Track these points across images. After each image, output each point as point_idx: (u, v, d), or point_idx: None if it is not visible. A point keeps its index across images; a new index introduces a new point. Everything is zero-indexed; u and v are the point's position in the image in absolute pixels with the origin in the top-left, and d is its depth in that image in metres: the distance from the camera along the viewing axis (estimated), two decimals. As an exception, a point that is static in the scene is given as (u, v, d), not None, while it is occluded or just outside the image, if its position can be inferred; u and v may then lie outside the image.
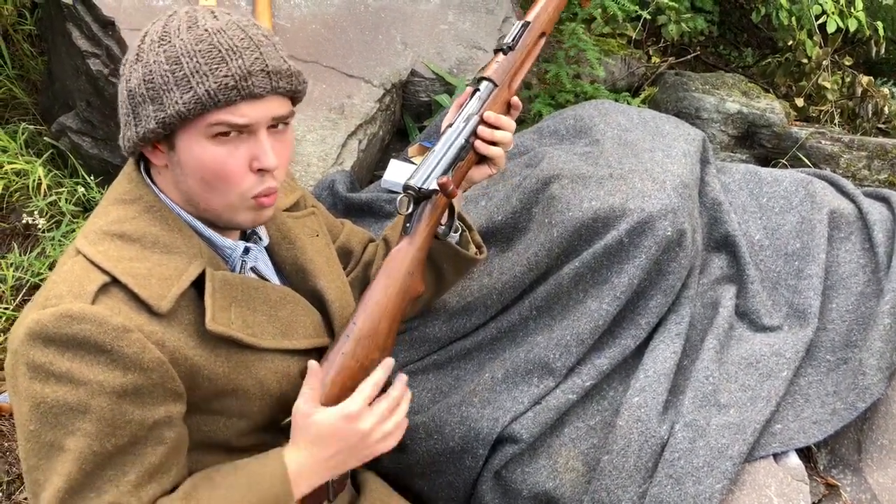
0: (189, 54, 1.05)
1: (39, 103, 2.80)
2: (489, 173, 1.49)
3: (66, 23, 2.33)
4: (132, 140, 1.11)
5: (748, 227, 2.01)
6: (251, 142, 1.09)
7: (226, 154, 1.08)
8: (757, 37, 4.45)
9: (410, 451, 1.62)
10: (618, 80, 3.42)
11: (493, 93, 1.47)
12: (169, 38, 1.06)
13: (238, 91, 1.05)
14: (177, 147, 1.09)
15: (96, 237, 1.09)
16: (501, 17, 2.75)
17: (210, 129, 1.06)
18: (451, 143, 1.41)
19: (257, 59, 1.06)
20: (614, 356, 1.69)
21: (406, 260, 1.33)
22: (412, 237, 1.36)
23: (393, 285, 1.31)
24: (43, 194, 2.38)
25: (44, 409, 0.99)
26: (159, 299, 1.05)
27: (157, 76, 1.05)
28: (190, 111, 1.04)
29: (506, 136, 1.45)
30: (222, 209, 1.13)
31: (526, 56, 1.52)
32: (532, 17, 1.53)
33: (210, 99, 1.04)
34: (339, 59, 2.40)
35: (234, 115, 1.06)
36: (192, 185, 1.10)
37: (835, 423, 1.65)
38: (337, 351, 1.23)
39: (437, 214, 1.39)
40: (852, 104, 3.66)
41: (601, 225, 1.71)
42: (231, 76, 1.04)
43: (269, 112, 1.09)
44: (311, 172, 2.15)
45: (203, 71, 1.04)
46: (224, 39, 1.06)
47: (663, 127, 2.08)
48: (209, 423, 1.15)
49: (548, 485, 1.57)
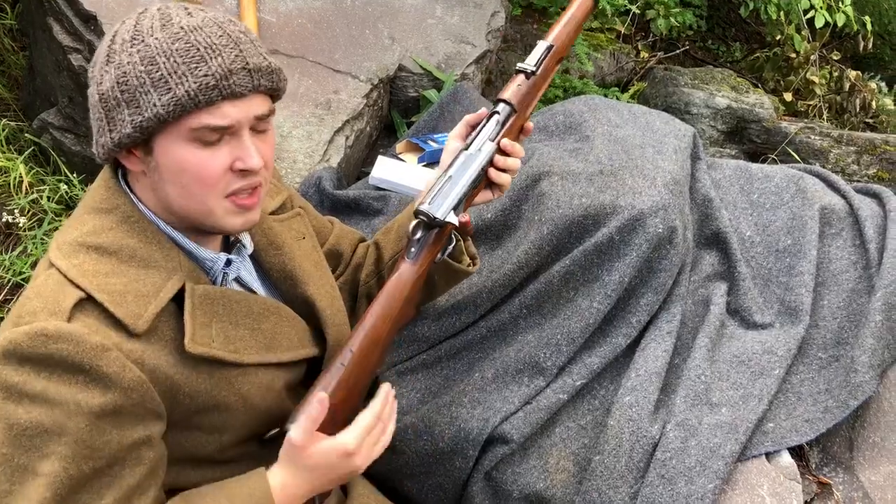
0: (165, 54, 1.00)
1: (20, 99, 2.76)
2: (490, 198, 1.45)
3: (47, 17, 2.30)
4: (107, 146, 1.05)
5: (739, 223, 2.00)
6: (233, 143, 1.05)
7: (208, 157, 1.03)
8: (745, 31, 4.45)
9: (399, 453, 1.60)
10: (607, 75, 3.41)
11: (511, 118, 1.42)
12: (142, 37, 1.01)
13: (219, 91, 1.00)
14: (155, 152, 1.04)
15: (70, 249, 1.04)
16: (490, 11, 2.73)
17: (192, 134, 1.02)
18: (468, 171, 1.35)
19: (237, 56, 1.02)
20: (605, 355, 1.67)
21: (408, 286, 1.29)
22: (415, 263, 1.30)
23: (391, 314, 1.26)
24: (24, 192, 2.34)
25: (17, 431, 0.94)
26: (136, 318, 1.01)
27: (132, 78, 1.00)
28: (169, 114, 1.00)
29: (517, 164, 1.42)
30: (203, 216, 1.08)
31: (543, 80, 1.47)
32: (554, 39, 1.47)
33: (190, 100, 0.99)
34: (326, 54, 2.37)
35: (216, 116, 1.02)
36: (170, 191, 1.06)
37: (827, 421, 1.64)
38: (330, 379, 1.17)
39: (442, 242, 1.35)
40: (840, 99, 3.67)
41: (592, 222, 1.70)
42: (211, 75, 1.00)
43: (250, 111, 1.05)
44: (298, 169, 2.12)
45: (181, 71, 0.99)
46: (202, 37, 1.01)
47: (654, 123, 2.06)
48: (191, 439, 1.11)
49: (539, 485, 1.55)
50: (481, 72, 2.66)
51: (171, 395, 1.04)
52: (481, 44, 2.62)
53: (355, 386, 1.20)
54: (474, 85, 2.57)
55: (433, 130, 2.31)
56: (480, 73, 2.65)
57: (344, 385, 1.17)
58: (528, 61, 1.44)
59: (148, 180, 1.07)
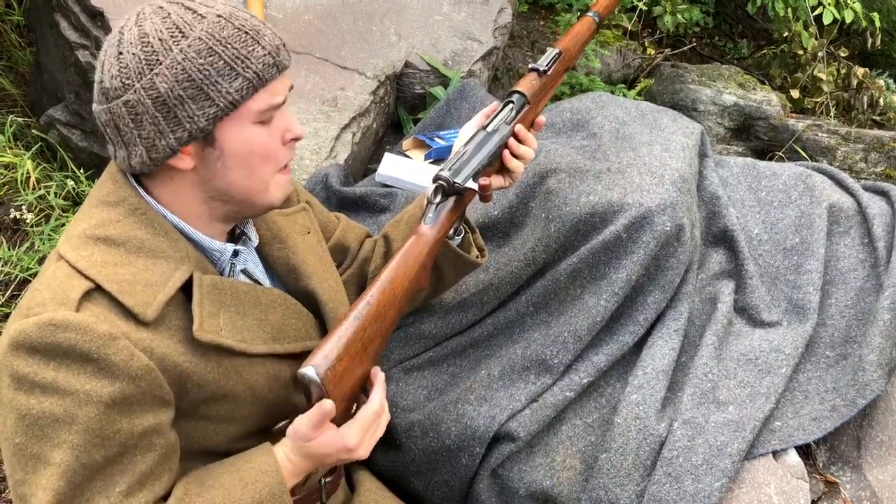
0: (221, 42, 1.03)
1: (27, 95, 2.76)
2: (503, 185, 1.48)
3: (55, 13, 2.30)
4: (164, 150, 1.05)
5: (747, 221, 1.99)
6: (278, 116, 1.11)
7: (268, 134, 1.10)
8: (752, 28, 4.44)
9: (406, 450, 1.60)
10: (613, 71, 3.40)
11: (525, 108, 1.50)
12: (182, 33, 1.02)
13: (276, 67, 1.07)
14: (218, 141, 1.06)
15: (79, 241, 1.05)
16: (497, 8, 2.72)
17: (256, 115, 1.07)
18: (487, 146, 1.41)
19: (272, 34, 1.08)
20: (612, 353, 1.67)
21: (426, 248, 1.29)
22: (434, 227, 1.31)
23: (409, 274, 1.26)
24: (31, 188, 2.34)
25: (29, 421, 0.96)
26: (145, 307, 1.02)
27: (194, 72, 1.01)
28: (243, 97, 1.04)
29: (530, 152, 1.47)
30: (259, 192, 1.13)
31: (552, 83, 1.59)
32: (564, 47, 1.61)
33: (259, 80, 1.05)
34: (333, 50, 2.37)
35: (272, 94, 1.08)
36: (235, 176, 1.09)
37: (834, 419, 1.63)
38: (348, 327, 1.15)
39: (459, 212, 1.37)
40: (848, 96, 3.65)
41: (599, 220, 1.69)
42: (268, 54, 1.06)
43: (287, 83, 1.11)
44: (305, 166, 2.12)
45: (242, 55, 1.03)
46: (241, 23, 1.06)
47: (661, 120, 2.06)
48: (199, 430, 1.12)
49: (545, 483, 1.55)
50: (488, 68, 2.65)
51: (180, 384, 1.05)
52: (488, 40, 2.61)
53: (370, 343, 1.17)
54: (481, 82, 2.57)
55: (440, 127, 2.31)
56: (487, 69, 2.65)
57: (359, 338, 1.15)
58: (539, 62, 1.57)
59: (194, 176, 1.09)
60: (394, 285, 1.23)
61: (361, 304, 1.18)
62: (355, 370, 1.14)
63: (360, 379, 1.16)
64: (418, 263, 1.28)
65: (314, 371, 1.08)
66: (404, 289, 1.25)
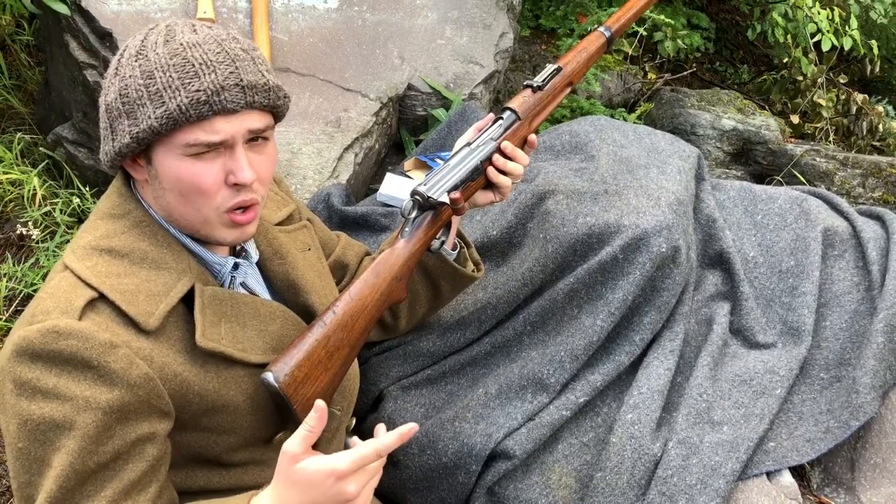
0: (163, 68, 1.04)
1: (36, 113, 2.80)
2: (492, 200, 1.50)
3: (64, 34, 2.34)
4: (110, 154, 1.11)
5: (742, 244, 2.01)
6: (227, 156, 1.08)
7: (202, 169, 1.07)
8: (753, 54, 4.48)
9: (403, 467, 1.61)
10: (614, 95, 3.44)
11: (514, 124, 1.50)
12: (146, 52, 1.06)
13: (210, 106, 1.04)
14: (153, 161, 1.09)
15: (84, 252, 1.08)
16: (498, 32, 2.76)
17: (185, 148, 1.05)
18: (467, 162, 1.42)
19: (231, 73, 1.05)
20: (608, 372, 1.68)
21: (398, 263, 1.33)
22: (409, 241, 1.35)
23: (380, 285, 1.30)
24: (38, 205, 2.37)
25: (31, 427, 0.98)
26: (147, 316, 1.05)
27: (132, 90, 1.05)
28: (163, 126, 1.04)
29: (517, 168, 1.47)
30: (199, 224, 1.12)
31: (551, 99, 1.57)
32: (564, 63, 1.59)
33: (182, 114, 1.03)
34: (336, 72, 2.40)
35: (208, 131, 1.05)
36: (169, 199, 1.10)
37: (828, 441, 1.64)
38: (311, 336, 1.18)
39: (437, 227, 1.39)
40: (847, 122, 3.67)
41: (596, 241, 1.72)
42: (203, 90, 1.03)
43: (244, 126, 1.08)
44: (307, 185, 2.15)
45: (175, 86, 1.03)
46: (199, 53, 1.05)
47: (658, 143, 2.08)
48: (200, 440, 1.14)
49: (541, 501, 1.56)
50: (489, 92, 2.69)
51: (181, 394, 1.07)
52: (489, 64, 2.65)
53: (336, 352, 1.20)
54: (482, 104, 2.60)
55: (441, 148, 2.34)
56: (488, 93, 2.68)
57: (322, 345, 1.18)
58: (535, 78, 1.55)
59: (150, 188, 1.12)
60: (362, 295, 1.27)
61: (327, 313, 1.22)
62: (319, 377, 1.17)
63: (326, 386, 1.19)
64: (391, 275, 1.31)
65: (272, 376, 1.12)
66: (374, 300, 1.28)
